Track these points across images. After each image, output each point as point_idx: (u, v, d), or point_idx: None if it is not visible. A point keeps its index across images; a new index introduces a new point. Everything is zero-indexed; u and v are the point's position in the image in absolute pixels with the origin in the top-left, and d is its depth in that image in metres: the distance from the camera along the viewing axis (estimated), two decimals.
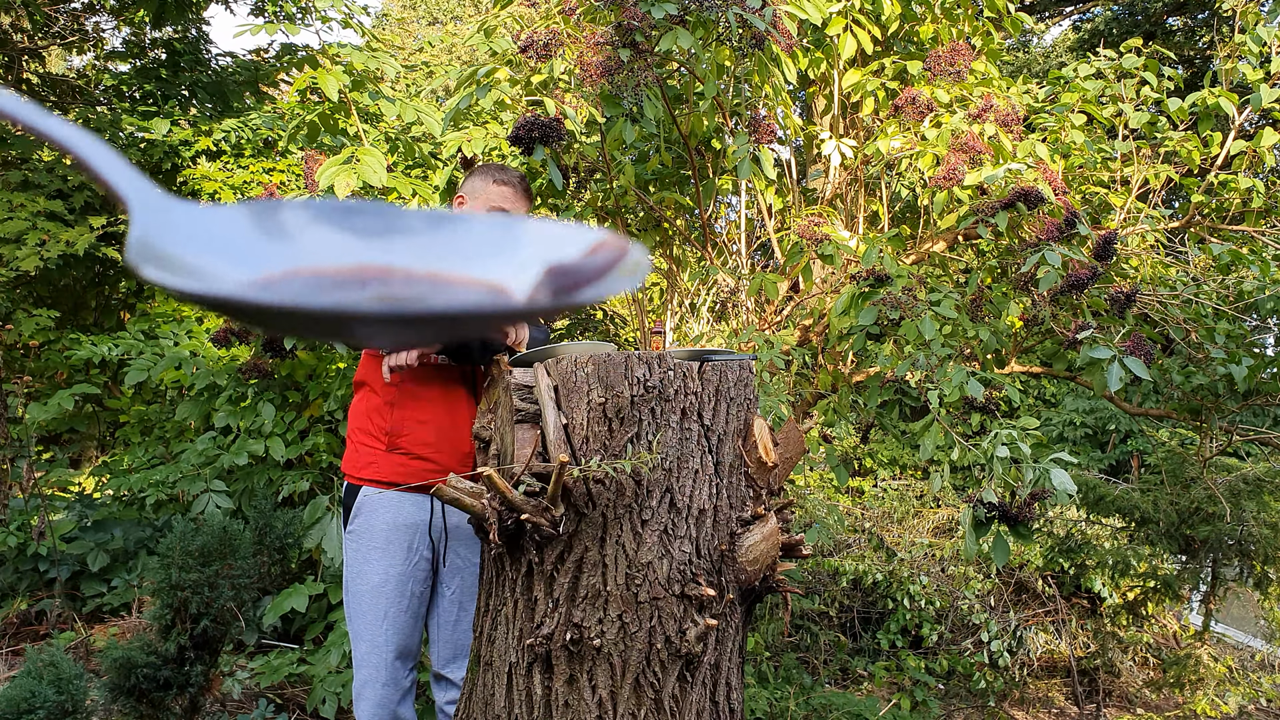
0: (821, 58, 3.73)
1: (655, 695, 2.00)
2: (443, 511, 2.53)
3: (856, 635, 4.94)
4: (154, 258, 0.41)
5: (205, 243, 0.44)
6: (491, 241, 0.48)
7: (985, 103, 3.24)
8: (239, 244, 0.45)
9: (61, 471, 5.14)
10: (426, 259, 0.47)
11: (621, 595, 1.96)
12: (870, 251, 3.02)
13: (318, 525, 3.75)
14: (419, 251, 0.47)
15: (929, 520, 5.77)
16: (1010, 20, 3.81)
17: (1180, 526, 4.03)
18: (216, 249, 0.44)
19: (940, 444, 2.90)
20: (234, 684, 3.67)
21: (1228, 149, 3.67)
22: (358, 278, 0.45)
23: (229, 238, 0.45)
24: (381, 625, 2.47)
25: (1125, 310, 3.15)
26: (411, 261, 0.47)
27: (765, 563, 2.08)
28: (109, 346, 4.18)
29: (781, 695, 3.78)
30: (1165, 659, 4.59)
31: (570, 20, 3.18)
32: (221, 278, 0.42)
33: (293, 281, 0.43)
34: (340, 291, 0.43)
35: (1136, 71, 3.64)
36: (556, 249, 0.48)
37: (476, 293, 0.45)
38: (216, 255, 0.43)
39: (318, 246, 0.46)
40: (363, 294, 0.43)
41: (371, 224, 0.48)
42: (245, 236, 0.45)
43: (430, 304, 0.43)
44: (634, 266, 0.46)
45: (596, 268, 0.46)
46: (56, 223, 4.72)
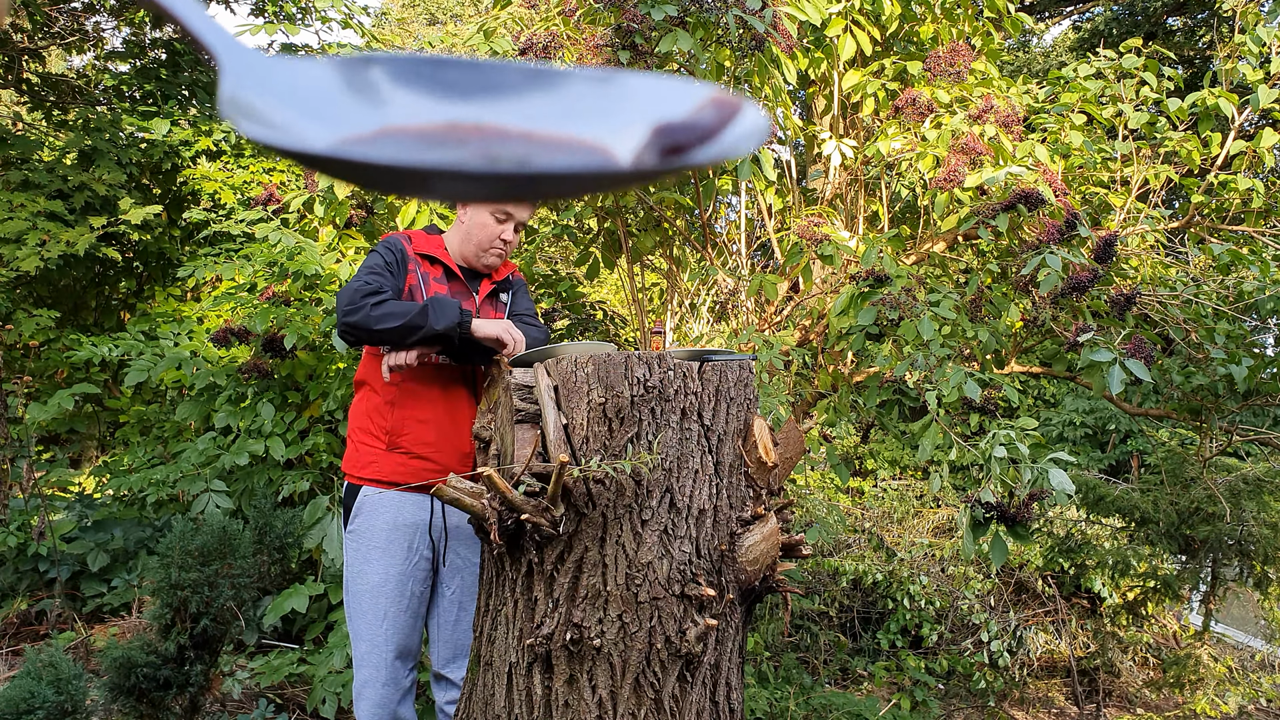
0: (821, 58, 3.73)
1: (655, 695, 2.00)
2: (443, 511, 2.54)
3: (856, 635, 4.94)
4: (246, 112, 0.40)
5: (297, 99, 0.43)
6: (593, 98, 0.46)
7: (985, 103, 3.24)
8: (330, 101, 0.43)
9: (61, 471, 5.14)
10: (524, 116, 0.45)
11: (621, 595, 1.96)
12: (870, 252, 3.02)
13: (318, 525, 3.75)
14: (516, 108, 0.45)
15: (929, 520, 5.77)
16: (1010, 20, 3.81)
17: (1180, 526, 4.03)
18: (308, 106, 0.43)
19: (939, 444, 2.90)
20: (234, 684, 3.67)
21: (1227, 149, 3.67)
22: (453, 136, 0.43)
23: (320, 94, 0.44)
24: (381, 625, 2.47)
25: (1125, 312, 3.15)
26: (509, 119, 0.45)
27: (765, 563, 2.08)
28: (109, 347, 4.18)
29: (781, 695, 3.78)
30: (1165, 659, 4.59)
31: (570, 22, 3.18)
32: (312, 136, 0.41)
33: (385, 141, 0.42)
34: (436, 150, 0.42)
35: (1136, 72, 3.64)
36: (663, 106, 0.45)
37: (579, 154, 0.43)
38: (308, 112, 0.42)
39: (409, 104, 0.44)
40: (461, 152, 0.41)
41: (465, 79, 0.46)
42: (336, 93, 0.44)
43: (532, 165, 0.41)
44: (749, 127, 0.44)
45: (707, 126, 0.43)
46: (57, 223, 4.72)
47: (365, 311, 2.33)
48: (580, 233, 4.18)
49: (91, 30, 6.29)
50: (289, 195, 3.89)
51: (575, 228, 4.19)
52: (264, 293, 3.95)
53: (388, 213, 3.84)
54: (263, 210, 3.94)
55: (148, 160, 5.35)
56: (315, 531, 3.72)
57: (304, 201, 3.76)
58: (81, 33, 6.19)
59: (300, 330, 3.68)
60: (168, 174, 5.66)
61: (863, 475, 7.34)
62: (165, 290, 5.63)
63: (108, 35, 6.68)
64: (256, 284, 4.22)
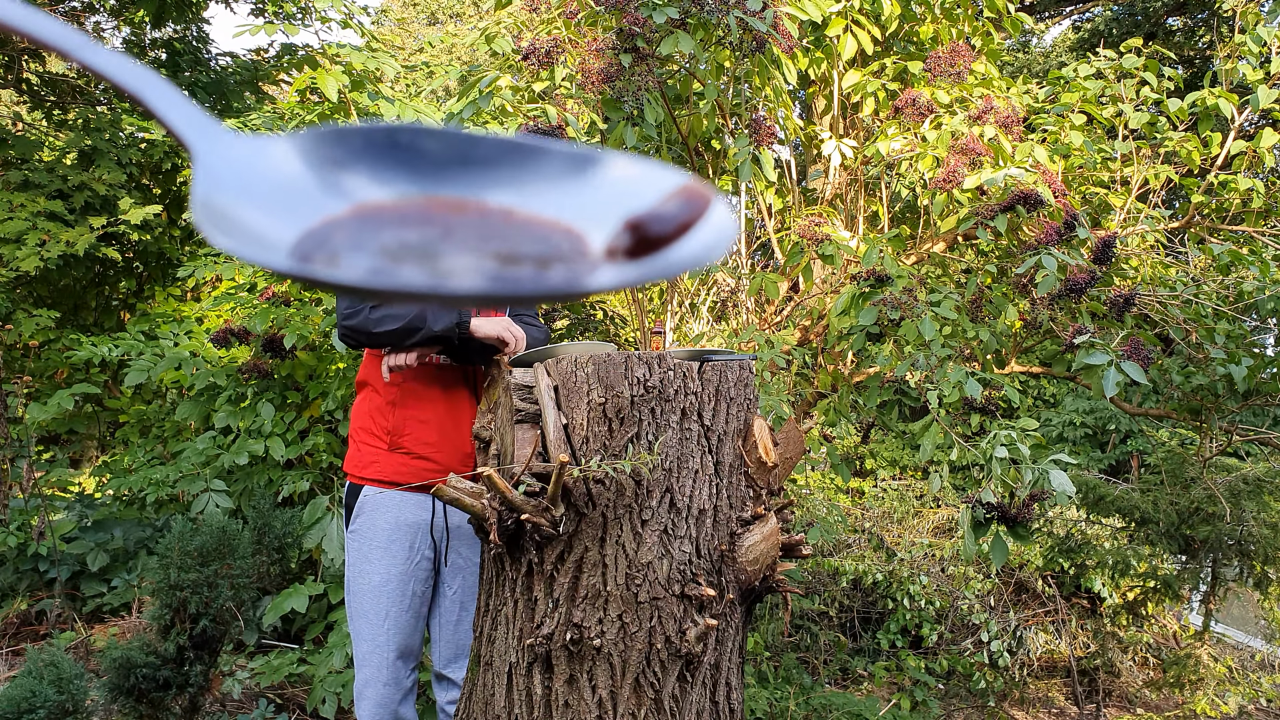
0: (822, 58, 3.73)
1: (655, 695, 2.00)
2: (444, 511, 2.53)
3: (856, 635, 4.94)
4: (218, 218, 0.39)
5: (267, 190, 0.42)
6: (571, 178, 0.46)
7: (985, 104, 3.24)
8: (300, 187, 0.43)
9: (61, 471, 5.14)
10: (503, 193, 0.45)
11: (621, 595, 1.95)
12: (870, 252, 3.02)
13: (318, 525, 3.75)
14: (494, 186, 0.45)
15: (929, 520, 5.77)
16: (1010, 20, 3.81)
17: (1180, 526, 4.03)
18: (278, 197, 0.42)
19: (940, 444, 2.90)
20: (234, 684, 3.67)
21: (1228, 149, 3.67)
22: (423, 216, 0.42)
23: (290, 180, 0.43)
24: (383, 625, 2.47)
25: (1124, 313, 3.15)
26: (488, 196, 0.44)
27: (765, 563, 2.08)
28: (109, 347, 4.18)
29: (781, 695, 3.78)
30: (1165, 659, 4.59)
31: (571, 25, 3.18)
32: (276, 242, 0.40)
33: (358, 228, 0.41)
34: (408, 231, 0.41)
35: (1136, 72, 3.64)
36: (635, 197, 0.44)
37: (555, 243, 0.42)
38: (277, 206, 0.41)
39: (383, 180, 0.44)
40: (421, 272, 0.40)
41: (442, 151, 0.45)
42: (308, 176, 0.43)
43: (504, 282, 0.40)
44: (718, 230, 0.43)
45: (673, 216, 0.42)
46: (57, 223, 4.72)
47: (364, 315, 2.34)
48: None
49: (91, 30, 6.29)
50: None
51: None
52: (264, 293, 3.95)
53: None
54: None
55: (148, 160, 5.35)
56: (315, 531, 3.72)
57: None
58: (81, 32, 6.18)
59: (300, 330, 3.67)
60: (168, 174, 5.65)
61: (863, 475, 7.35)
62: (165, 290, 5.63)
63: (107, 35, 6.68)
64: (256, 284, 4.22)
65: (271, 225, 0.40)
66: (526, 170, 0.45)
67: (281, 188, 0.42)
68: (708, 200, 0.43)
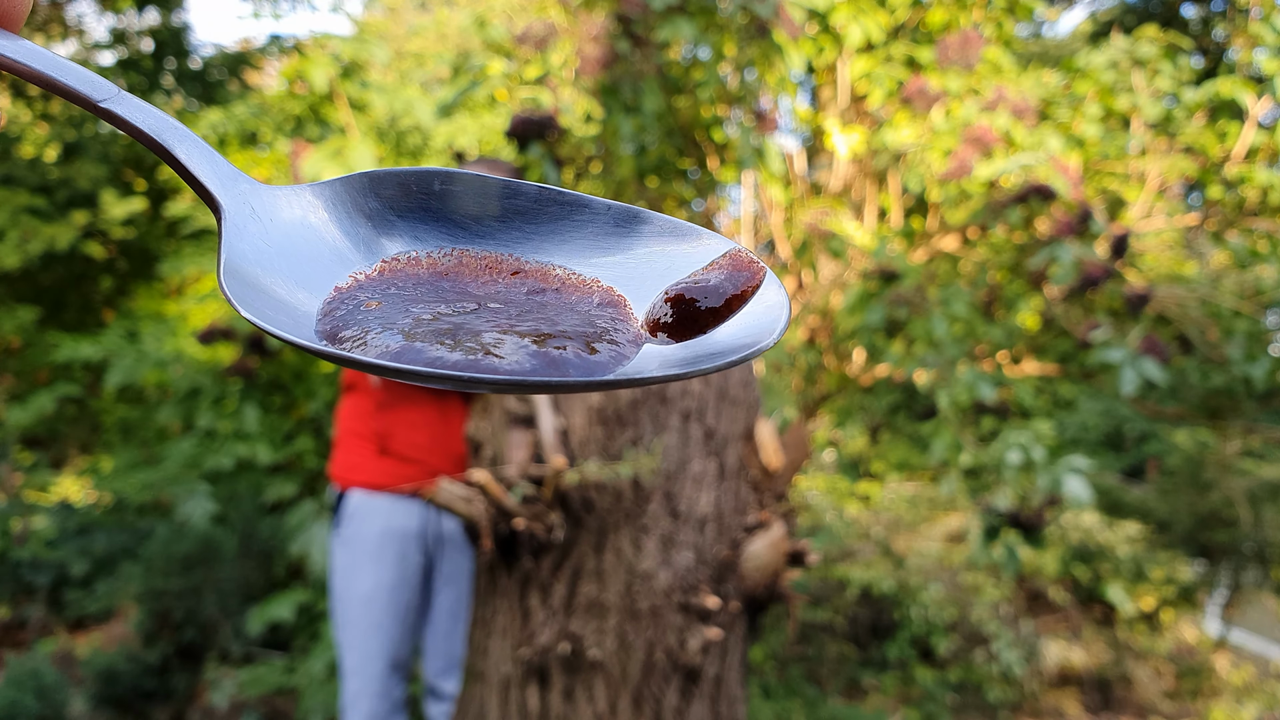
0: (828, 45, 3.64)
1: (656, 709, 1.93)
2: (436, 518, 2.47)
3: (865, 646, 4.86)
4: (242, 288, 0.38)
5: (287, 254, 0.41)
6: (610, 234, 0.44)
7: (997, 93, 3.15)
8: (324, 243, 0.42)
9: (43, 475, 5.07)
10: (538, 250, 0.43)
11: (620, 605, 1.89)
12: (880, 247, 2.94)
13: (303, 531, 3.65)
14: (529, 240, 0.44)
15: (940, 526, 5.68)
16: (1022, 7, 3.72)
17: (1198, 532, 3.95)
18: (304, 260, 0.41)
19: (950, 445, 2.81)
20: (220, 694, 3.59)
21: (1245, 142, 3.58)
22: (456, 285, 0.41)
23: (312, 236, 0.42)
24: (373, 635, 2.43)
25: (1140, 309, 3.06)
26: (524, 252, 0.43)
27: (770, 571, 2.01)
28: (91, 346, 4.10)
29: (787, 708, 3.73)
30: (1181, 669, 4.51)
31: (567, 10, 3.10)
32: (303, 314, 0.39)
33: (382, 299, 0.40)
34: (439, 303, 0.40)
35: (1151, 60, 3.55)
36: (679, 258, 0.43)
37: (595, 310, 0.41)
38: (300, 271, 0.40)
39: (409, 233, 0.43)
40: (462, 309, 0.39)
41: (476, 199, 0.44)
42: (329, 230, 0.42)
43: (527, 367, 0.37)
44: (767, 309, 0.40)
45: (719, 292, 0.40)
46: (38, 218, 4.64)
47: None
48: None
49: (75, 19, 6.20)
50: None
51: None
52: None
53: None
54: None
55: (130, 154, 5.28)
56: (301, 537, 3.62)
57: None
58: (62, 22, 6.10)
59: None
60: (151, 168, 5.58)
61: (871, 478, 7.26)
62: (149, 287, 5.55)
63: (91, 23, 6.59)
64: None
65: (298, 295, 0.40)
66: (565, 225, 0.44)
67: (309, 246, 0.42)
68: (757, 273, 0.41)
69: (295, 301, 0.39)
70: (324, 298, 0.40)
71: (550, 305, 0.41)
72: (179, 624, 3.20)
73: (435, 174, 0.43)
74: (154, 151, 0.41)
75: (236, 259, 0.39)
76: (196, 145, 0.41)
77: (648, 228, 0.44)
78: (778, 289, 0.41)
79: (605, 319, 0.40)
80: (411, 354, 0.36)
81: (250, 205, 0.41)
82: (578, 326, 0.39)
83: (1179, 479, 4.25)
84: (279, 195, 0.42)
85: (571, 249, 0.44)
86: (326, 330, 0.38)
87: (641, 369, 0.38)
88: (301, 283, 0.40)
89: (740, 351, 0.38)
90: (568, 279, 0.43)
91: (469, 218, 0.44)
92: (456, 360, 0.36)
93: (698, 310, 0.40)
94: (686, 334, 0.40)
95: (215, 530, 3.23)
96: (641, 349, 0.40)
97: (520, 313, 0.40)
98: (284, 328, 0.36)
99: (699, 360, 0.39)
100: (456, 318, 0.39)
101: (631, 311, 0.41)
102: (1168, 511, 3.96)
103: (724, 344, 0.39)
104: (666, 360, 0.39)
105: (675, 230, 0.44)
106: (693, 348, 0.40)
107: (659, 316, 0.40)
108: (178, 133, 0.41)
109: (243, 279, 0.38)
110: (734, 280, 0.41)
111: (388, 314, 0.39)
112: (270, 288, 0.39)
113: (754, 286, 0.41)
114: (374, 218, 0.43)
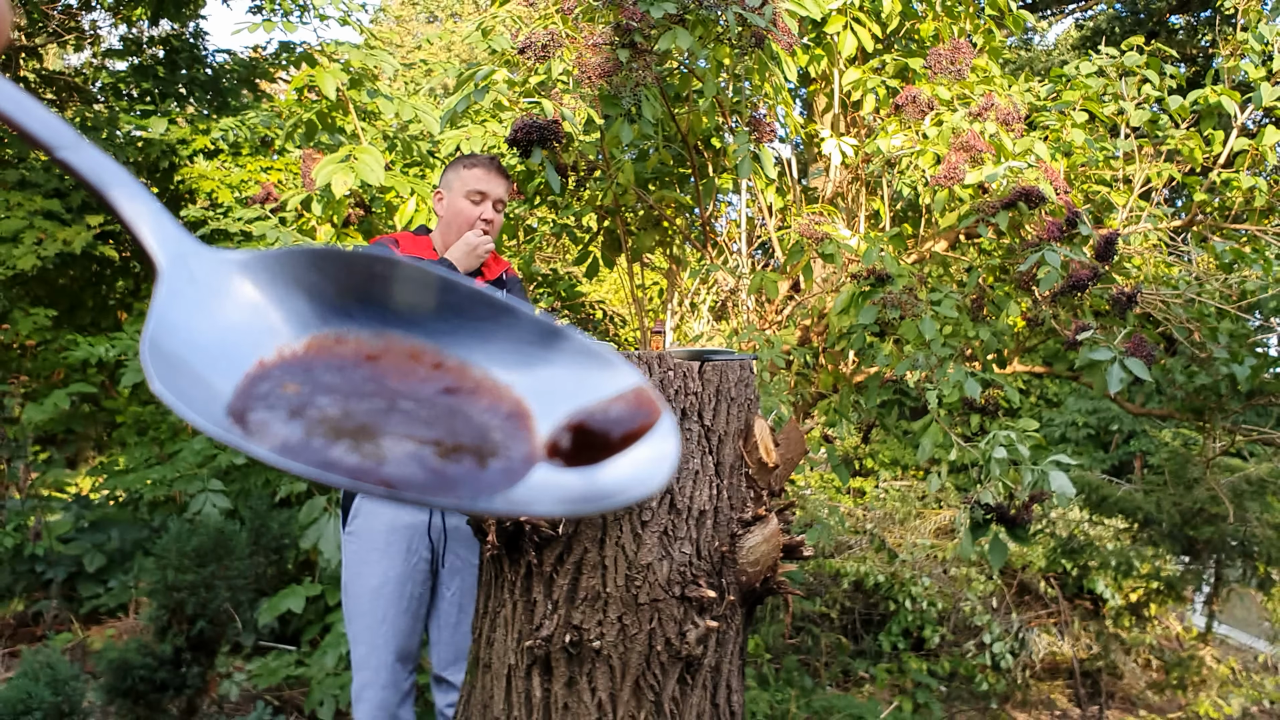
0: (822, 55, 3.71)
1: (655, 698, 1.98)
2: (442, 511, 2.51)
3: (858, 637, 4.91)
4: (161, 361, 0.37)
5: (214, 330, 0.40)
6: (533, 345, 0.45)
7: (986, 101, 3.21)
8: (255, 315, 0.41)
9: (58, 472, 5.12)
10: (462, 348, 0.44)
11: (621, 597, 1.93)
12: (871, 251, 3.00)
13: (314, 525, 3.72)
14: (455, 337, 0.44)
15: (931, 521, 5.74)
16: (1012, 18, 3.79)
17: (1183, 527, 4.01)
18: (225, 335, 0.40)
19: (939, 443, 2.87)
20: (231, 686, 3.65)
21: (1230, 147, 3.65)
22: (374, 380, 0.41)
23: (245, 306, 0.41)
24: (381, 627, 2.45)
25: (1127, 311, 3.13)
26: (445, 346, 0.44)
27: (766, 564, 2.06)
28: (106, 346, 4.16)
29: (782, 698, 3.76)
30: (1168, 661, 4.57)
31: (568, 20, 3.16)
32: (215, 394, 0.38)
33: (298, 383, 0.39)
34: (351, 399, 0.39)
35: (1138, 69, 3.62)
36: (589, 383, 0.44)
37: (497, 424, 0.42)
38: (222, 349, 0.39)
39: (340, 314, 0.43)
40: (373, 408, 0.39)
41: (414, 290, 0.44)
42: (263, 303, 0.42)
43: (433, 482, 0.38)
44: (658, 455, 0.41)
45: (617, 425, 0.41)
46: (54, 221, 4.69)
47: None
48: (580, 231, 4.16)
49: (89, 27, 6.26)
50: (286, 194, 3.86)
51: (575, 226, 4.17)
52: None
53: (386, 211, 3.82)
54: (260, 208, 3.91)
55: (145, 159, 5.32)
56: (311, 531, 3.69)
57: (301, 200, 3.74)
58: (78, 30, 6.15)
59: None
60: (165, 173, 5.63)
61: (864, 475, 7.31)
62: None
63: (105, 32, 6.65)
64: None
65: (219, 366, 0.39)
66: (492, 328, 0.45)
67: (241, 316, 0.41)
68: (655, 414, 0.42)
69: (213, 374, 0.38)
70: (246, 369, 0.39)
71: (459, 411, 0.41)
72: (191, 617, 3.26)
73: (379, 260, 0.43)
74: (100, 205, 0.41)
75: (163, 328, 0.38)
76: (146, 203, 0.41)
77: (568, 345, 0.45)
78: (672, 438, 0.42)
79: (508, 432, 0.41)
80: (308, 453, 0.36)
81: (190, 270, 0.40)
82: (476, 441, 0.40)
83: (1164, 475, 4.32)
84: (221, 262, 0.42)
85: (493, 351, 0.44)
86: (237, 409, 0.38)
87: (531, 499, 0.39)
88: (226, 353, 0.39)
89: (621, 497, 0.40)
90: (483, 382, 0.43)
91: (404, 305, 0.44)
92: (351, 465, 0.36)
93: (594, 441, 0.41)
94: (579, 461, 0.41)
95: (227, 525, 3.29)
96: (534, 471, 0.40)
97: (429, 417, 0.40)
98: (195, 406, 0.36)
99: (586, 500, 0.40)
100: (365, 417, 0.39)
101: (535, 426, 0.42)
102: (1153, 507, 4.03)
103: (608, 486, 0.40)
104: (559, 494, 0.40)
105: (592, 353, 0.45)
106: (583, 479, 0.40)
107: (557, 440, 0.41)
108: (129, 189, 0.41)
109: (164, 351, 0.37)
110: (633, 417, 0.42)
111: (300, 401, 0.39)
112: (191, 360, 0.38)
113: (648, 425, 0.42)
114: (312, 292, 0.43)
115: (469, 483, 0.38)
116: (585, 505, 0.40)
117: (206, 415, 0.36)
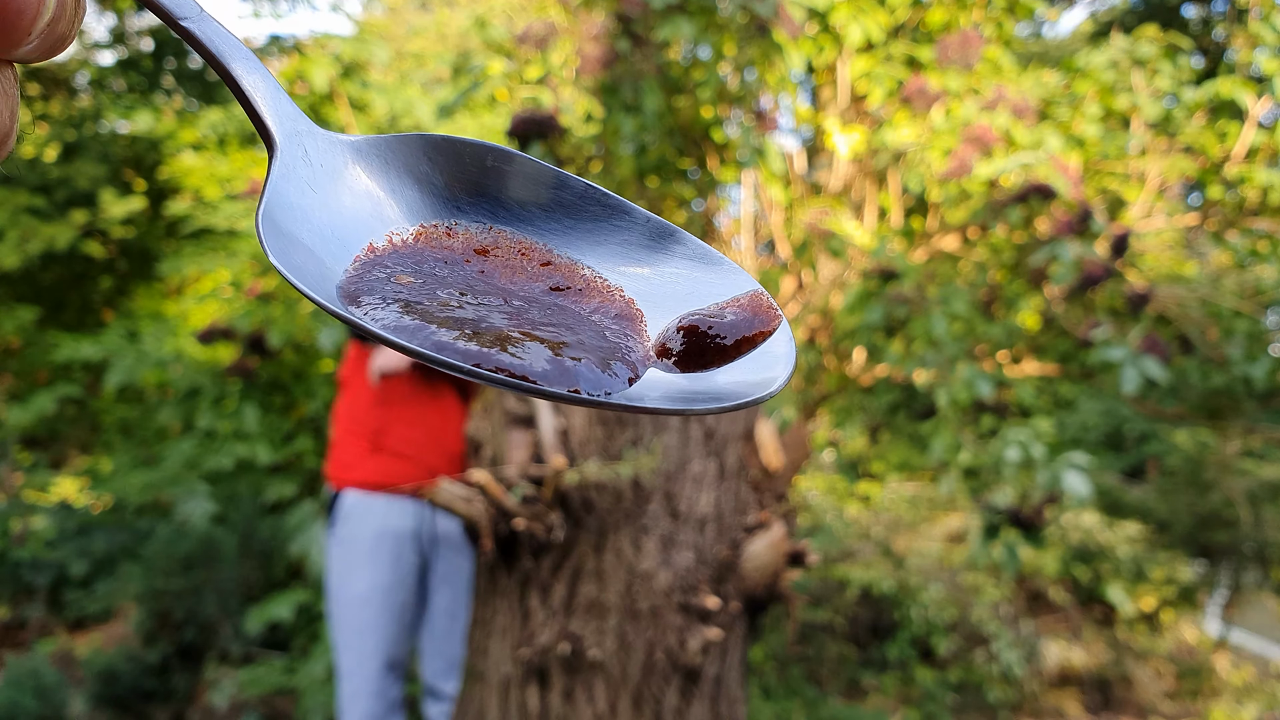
0: (828, 45, 3.63)
1: (656, 709, 1.92)
2: (431, 518, 2.45)
3: (865, 646, 4.84)
4: (278, 235, 0.37)
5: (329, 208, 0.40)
6: (643, 245, 0.45)
7: (997, 93, 3.14)
8: (367, 201, 0.42)
9: (43, 474, 5.05)
10: (572, 246, 0.44)
11: (620, 605, 1.88)
12: (880, 246, 2.93)
13: (303, 531, 3.64)
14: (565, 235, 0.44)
15: (940, 526, 5.66)
16: (1021, 7, 3.71)
17: (1198, 532, 3.93)
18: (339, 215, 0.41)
19: (950, 445, 2.80)
20: (220, 694, 3.58)
21: (1245, 141, 3.57)
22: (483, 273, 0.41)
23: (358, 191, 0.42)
24: (368, 635, 2.41)
25: (1140, 309, 3.06)
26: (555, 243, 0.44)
27: (770, 571, 2.00)
28: (91, 346, 4.08)
29: (787, 709, 3.71)
30: (1182, 668, 4.49)
31: (567, 9, 3.10)
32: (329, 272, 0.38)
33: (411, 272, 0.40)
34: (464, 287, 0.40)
35: (1151, 60, 3.54)
36: (702, 285, 0.43)
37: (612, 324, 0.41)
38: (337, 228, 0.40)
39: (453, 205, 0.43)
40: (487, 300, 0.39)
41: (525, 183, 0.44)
42: (375, 189, 0.42)
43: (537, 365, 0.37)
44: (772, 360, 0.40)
45: (731, 331, 0.40)
46: (38, 218, 4.62)
47: None
48: None
49: None
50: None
51: None
52: (250, 289, 3.84)
53: None
54: (247, 203, 3.85)
55: (131, 153, 5.25)
56: (300, 537, 3.62)
57: None
58: None
59: (285, 329, 3.56)
60: (151, 168, 5.56)
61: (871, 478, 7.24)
62: (149, 286, 5.53)
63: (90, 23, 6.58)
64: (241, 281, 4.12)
65: (330, 247, 0.40)
66: (603, 227, 0.45)
67: (353, 199, 0.42)
68: (772, 320, 0.41)
69: (325, 254, 0.39)
70: (357, 254, 0.40)
71: (570, 310, 0.41)
72: (179, 624, 3.19)
73: (491, 150, 0.44)
74: (220, 77, 0.41)
75: (277, 204, 0.39)
76: (265, 79, 0.41)
77: (680, 248, 0.45)
78: (788, 341, 0.41)
79: (619, 333, 0.41)
80: (422, 336, 0.36)
81: (304, 148, 0.41)
82: (594, 339, 0.39)
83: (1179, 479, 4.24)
84: (335, 143, 0.42)
85: (604, 252, 0.44)
86: (350, 291, 0.38)
87: (642, 395, 0.38)
88: (337, 235, 0.40)
89: (737, 399, 0.38)
90: (593, 282, 0.43)
91: (514, 200, 0.44)
92: (469, 350, 0.36)
93: (707, 345, 0.40)
94: (691, 366, 0.40)
95: (215, 530, 3.22)
96: (646, 371, 0.40)
97: (542, 315, 0.40)
98: (308, 280, 0.36)
99: (696, 399, 0.39)
100: (480, 309, 0.39)
101: (645, 329, 0.42)
102: (1168, 511, 3.95)
103: (723, 388, 0.39)
104: (668, 391, 0.39)
105: (705, 257, 0.44)
106: (694, 382, 0.40)
107: (669, 342, 0.41)
108: (248, 63, 0.41)
109: (278, 225, 0.38)
110: (749, 323, 0.41)
111: (414, 292, 0.39)
112: (304, 237, 0.39)
113: (766, 333, 0.41)
114: (422, 182, 0.43)
115: (589, 379, 0.37)
116: (699, 404, 0.38)
117: (321, 292, 0.36)
